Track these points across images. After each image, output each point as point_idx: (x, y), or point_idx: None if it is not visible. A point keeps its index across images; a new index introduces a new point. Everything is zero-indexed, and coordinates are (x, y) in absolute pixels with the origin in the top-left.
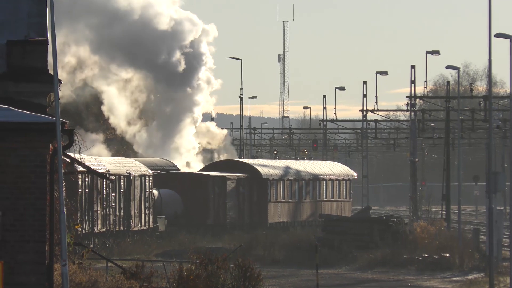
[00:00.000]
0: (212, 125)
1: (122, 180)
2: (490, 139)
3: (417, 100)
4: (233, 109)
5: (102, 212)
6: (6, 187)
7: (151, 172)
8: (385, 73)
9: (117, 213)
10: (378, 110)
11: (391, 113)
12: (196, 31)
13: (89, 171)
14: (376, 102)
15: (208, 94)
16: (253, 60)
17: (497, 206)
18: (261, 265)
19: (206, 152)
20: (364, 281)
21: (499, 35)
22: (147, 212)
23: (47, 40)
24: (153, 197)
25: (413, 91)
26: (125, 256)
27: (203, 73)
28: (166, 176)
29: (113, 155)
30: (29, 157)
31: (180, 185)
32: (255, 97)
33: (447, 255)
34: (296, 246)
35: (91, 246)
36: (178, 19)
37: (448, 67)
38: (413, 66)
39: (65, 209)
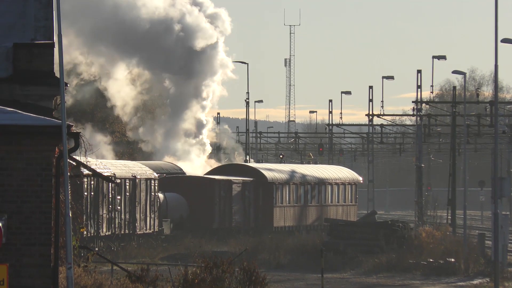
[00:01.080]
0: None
1: (127, 183)
2: (496, 144)
3: (423, 105)
4: (239, 113)
5: (107, 215)
6: (13, 190)
7: (156, 175)
8: (391, 77)
9: (123, 216)
10: (384, 114)
11: (397, 117)
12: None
13: (95, 174)
14: (382, 106)
15: (220, 81)
16: (260, 64)
17: (502, 212)
18: (266, 269)
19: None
20: (369, 285)
21: (505, 41)
22: (152, 216)
23: (54, 43)
24: (158, 200)
25: (419, 96)
26: (130, 260)
27: (217, 57)
28: (172, 179)
29: (119, 158)
30: (35, 160)
31: (185, 188)
32: (261, 101)
33: (453, 260)
34: (302, 251)
35: (96, 249)
36: (191, 22)
37: (455, 72)
38: (419, 71)
39: (70, 212)
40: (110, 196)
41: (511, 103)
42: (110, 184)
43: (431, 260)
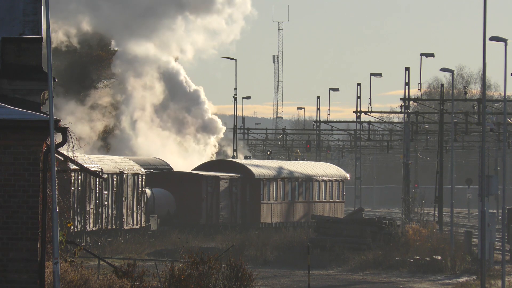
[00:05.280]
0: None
1: (115, 179)
2: (483, 142)
3: (411, 102)
4: (227, 109)
5: (94, 211)
6: (0, 185)
7: (144, 171)
8: (379, 75)
9: (110, 211)
10: (371, 112)
11: (385, 115)
12: None
13: (82, 169)
14: (370, 103)
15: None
16: (248, 60)
17: (489, 209)
18: (253, 266)
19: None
20: (355, 282)
21: (493, 39)
22: (139, 211)
23: (42, 38)
24: (145, 196)
25: (407, 93)
26: (117, 255)
27: None
28: (159, 175)
29: (103, 149)
30: (23, 154)
31: (173, 184)
32: (249, 97)
33: (439, 257)
34: (288, 247)
35: (83, 244)
36: None
37: (443, 69)
38: (407, 68)
39: (57, 207)
40: (97, 191)
41: (499, 101)
42: (97, 179)
43: (417, 257)
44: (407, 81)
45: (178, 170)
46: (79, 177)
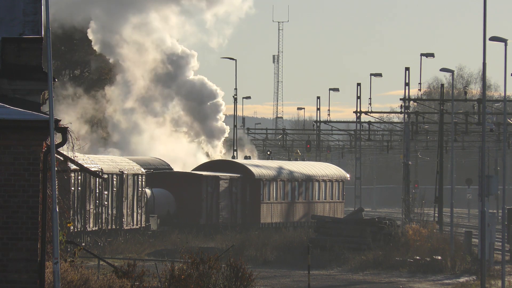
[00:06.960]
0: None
1: (115, 179)
2: (483, 142)
3: (411, 102)
4: (227, 109)
5: (94, 211)
6: (0, 185)
7: (144, 171)
8: (379, 75)
9: (110, 211)
10: (371, 112)
11: (385, 115)
12: None
13: (82, 169)
14: (370, 104)
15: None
16: (248, 60)
17: (489, 210)
18: (253, 266)
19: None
20: (355, 282)
21: (494, 39)
22: (139, 211)
23: (42, 38)
24: (145, 196)
25: (407, 94)
26: (117, 255)
27: None
28: (159, 175)
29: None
30: (23, 154)
31: (173, 184)
32: (249, 98)
33: (439, 257)
34: (288, 247)
35: (83, 244)
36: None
37: (443, 69)
38: (407, 69)
39: (57, 207)
40: (97, 191)
41: (499, 101)
42: (97, 179)
43: (417, 257)
44: (407, 81)
45: (177, 164)
46: (79, 177)
